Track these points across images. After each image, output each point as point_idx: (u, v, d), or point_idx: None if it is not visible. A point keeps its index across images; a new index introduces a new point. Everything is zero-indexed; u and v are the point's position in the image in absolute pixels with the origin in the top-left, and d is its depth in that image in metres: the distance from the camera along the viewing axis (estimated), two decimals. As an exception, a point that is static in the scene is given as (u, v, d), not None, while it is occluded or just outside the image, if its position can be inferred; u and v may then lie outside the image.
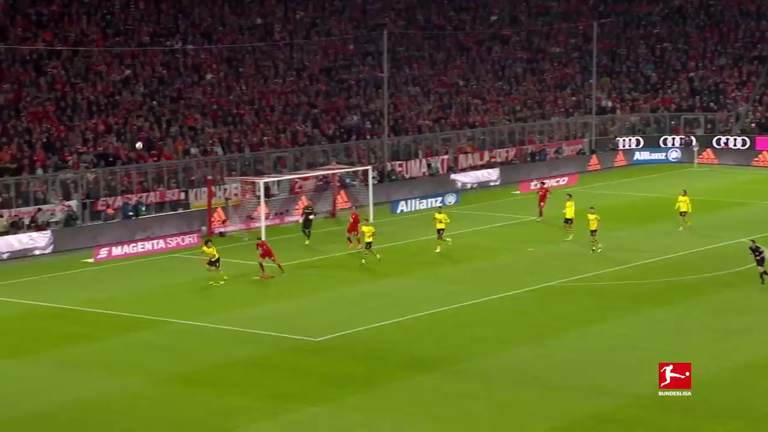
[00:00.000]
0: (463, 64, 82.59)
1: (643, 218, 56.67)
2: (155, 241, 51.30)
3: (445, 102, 76.79)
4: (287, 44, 75.32)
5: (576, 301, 38.31)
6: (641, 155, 78.20)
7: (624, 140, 79.03)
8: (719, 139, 77.24)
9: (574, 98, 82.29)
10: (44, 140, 56.43)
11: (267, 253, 44.55)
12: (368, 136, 68.86)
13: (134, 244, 50.47)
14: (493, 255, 48.73)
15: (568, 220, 51.55)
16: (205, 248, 44.27)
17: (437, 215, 49.51)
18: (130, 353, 34.75)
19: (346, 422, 28.52)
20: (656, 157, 77.78)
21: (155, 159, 58.60)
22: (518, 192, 65.71)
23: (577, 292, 38.36)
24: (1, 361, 33.68)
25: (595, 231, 48.02)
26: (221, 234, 54.39)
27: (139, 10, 71.06)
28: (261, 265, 44.38)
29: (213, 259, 43.57)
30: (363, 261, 46.46)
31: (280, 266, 44.64)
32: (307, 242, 52.08)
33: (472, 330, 36.69)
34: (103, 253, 48.85)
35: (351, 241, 49.09)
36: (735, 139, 77.12)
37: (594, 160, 76.53)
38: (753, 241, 42.20)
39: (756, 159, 75.08)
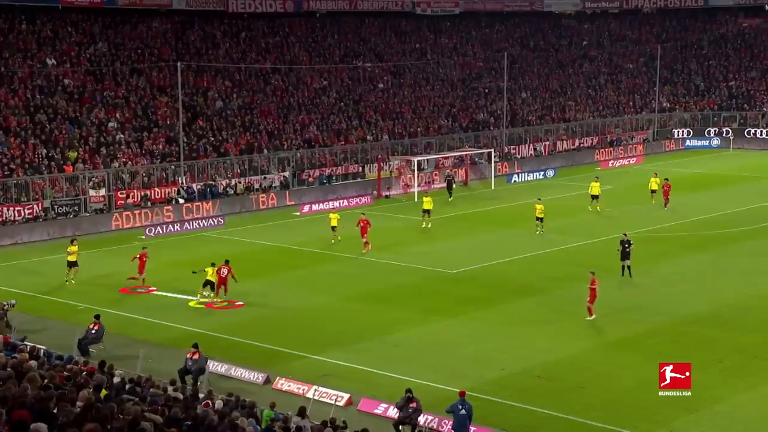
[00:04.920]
0: (561, 76, 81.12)
1: (692, 187, 54.91)
2: (341, 201, 52.07)
3: (547, 104, 75.66)
4: (435, 62, 75.16)
5: (639, 247, 37.48)
6: (691, 142, 75.53)
7: (678, 131, 76.70)
8: (749, 131, 74.28)
9: (642, 101, 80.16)
10: (268, 130, 57.65)
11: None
12: (491, 128, 68.43)
13: (327, 203, 51.32)
14: (580, 214, 48.03)
15: (594, 197, 47.82)
16: (70, 246, 34.50)
17: (425, 198, 45.05)
18: (325, 278, 35.51)
19: (473, 330, 28.81)
20: (702, 144, 75.11)
21: (342, 143, 59.37)
22: (599, 168, 64.57)
23: (640, 241, 37.56)
24: (253, 280, 34.06)
25: (541, 218, 42.06)
26: (387, 196, 54.85)
27: (333, 39, 71.77)
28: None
29: (73, 260, 34.24)
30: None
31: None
32: (450, 200, 52.13)
33: (563, 267, 36.40)
34: (306, 208, 49.83)
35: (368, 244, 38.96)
36: (761, 131, 73.98)
37: (656, 145, 74.49)
38: (625, 234, 35.06)
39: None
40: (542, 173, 61.95)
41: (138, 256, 33.75)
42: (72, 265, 34.33)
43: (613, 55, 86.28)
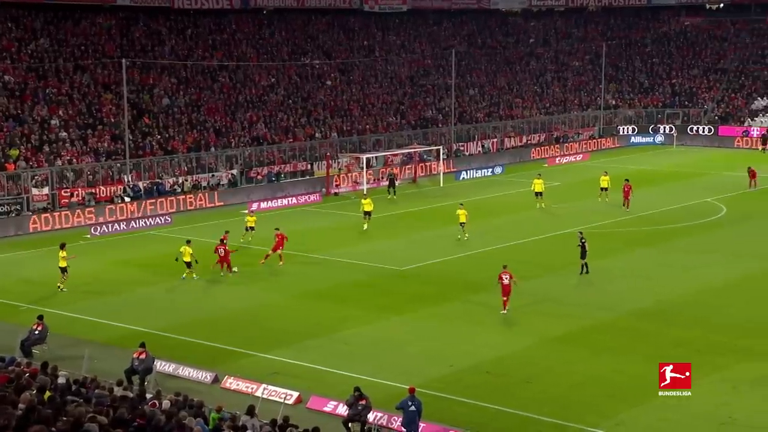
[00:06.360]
0: (508, 73, 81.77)
1: (636, 184, 54.82)
2: (290, 199, 51.87)
3: (495, 101, 76.20)
4: (384, 59, 75.21)
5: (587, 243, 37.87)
6: (636, 139, 76.64)
7: (623, 128, 77.75)
8: (692, 128, 75.60)
9: (588, 98, 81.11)
10: (215, 127, 57.19)
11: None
12: (440, 125, 68.68)
13: (275, 200, 51.08)
14: (527, 211, 48.35)
15: (537, 193, 48.15)
16: (61, 252, 33.26)
17: (363, 200, 44.09)
18: (273, 276, 35.36)
19: (421, 327, 28.91)
20: (647, 140, 76.22)
21: (291, 141, 59.12)
22: (546, 165, 65.13)
23: (586, 236, 37.95)
24: (201, 278, 34.28)
25: (463, 223, 40.40)
26: (335, 194, 54.75)
27: (281, 36, 71.44)
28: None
29: (63, 266, 33.05)
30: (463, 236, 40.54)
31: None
32: (394, 197, 51.97)
33: (509, 264, 36.52)
34: (254, 206, 49.40)
35: (282, 259, 36.72)
36: (703, 128, 75.37)
37: (602, 142, 75.41)
38: (581, 232, 35.47)
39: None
40: (490, 170, 62.34)
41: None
42: (64, 270, 32.97)
43: (560, 53, 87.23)
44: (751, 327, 28.25)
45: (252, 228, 40.93)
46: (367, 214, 43.52)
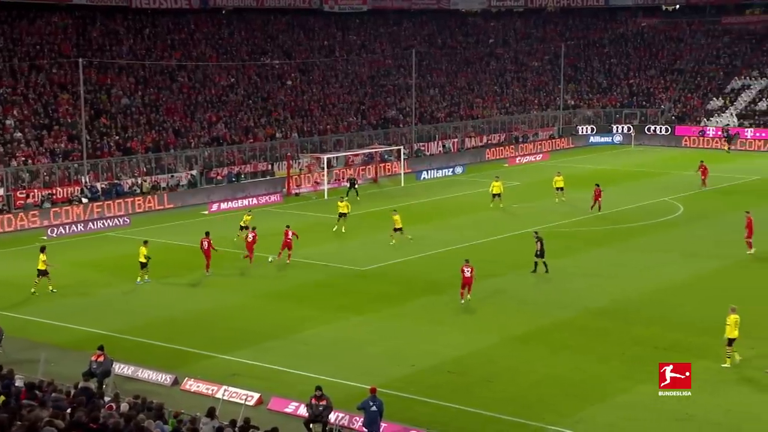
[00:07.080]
0: (468, 73, 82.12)
1: (594, 184, 55.64)
2: (250, 199, 51.59)
3: (455, 101, 76.49)
4: (344, 59, 75.15)
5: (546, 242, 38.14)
6: (594, 138, 77.32)
7: (582, 128, 78.44)
8: (649, 128, 76.53)
9: (547, 98, 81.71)
10: (175, 128, 56.72)
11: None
12: (401, 125, 68.77)
13: (235, 201, 50.80)
14: (487, 210, 48.50)
15: (495, 195, 48.27)
16: (41, 256, 32.60)
17: (339, 203, 43.42)
18: (233, 277, 35.22)
19: (383, 327, 28.91)
20: (605, 140, 76.90)
21: (251, 141, 58.83)
22: (507, 165, 65.47)
23: (545, 236, 38.15)
24: (160, 280, 34.12)
25: (400, 228, 39.84)
26: (296, 194, 54.58)
27: (240, 36, 71.08)
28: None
29: (42, 269, 32.39)
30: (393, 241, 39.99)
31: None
32: (357, 198, 51.64)
33: (471, 262, 36.69)
34: (215, 207, 49.21)
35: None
36: (660, 128, 76.32)
37: (561, 142, 76.04)
38: (536, 232, 35.81)
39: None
40: (451, 170, 62.54)
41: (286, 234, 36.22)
42: (42, 273, 32.21)
43: (519, 53, 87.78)
44: (707, 325, 28.60)
45: (246, 227, 39.90)
46: (343, 215, 42.98)
